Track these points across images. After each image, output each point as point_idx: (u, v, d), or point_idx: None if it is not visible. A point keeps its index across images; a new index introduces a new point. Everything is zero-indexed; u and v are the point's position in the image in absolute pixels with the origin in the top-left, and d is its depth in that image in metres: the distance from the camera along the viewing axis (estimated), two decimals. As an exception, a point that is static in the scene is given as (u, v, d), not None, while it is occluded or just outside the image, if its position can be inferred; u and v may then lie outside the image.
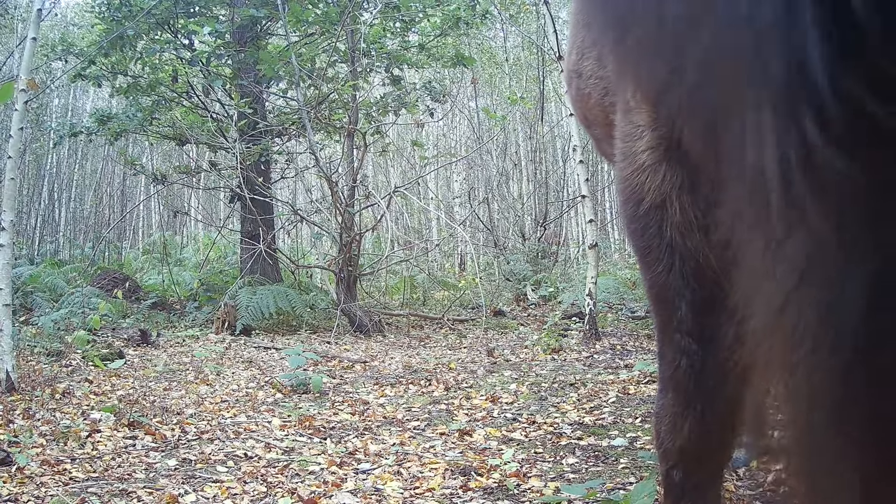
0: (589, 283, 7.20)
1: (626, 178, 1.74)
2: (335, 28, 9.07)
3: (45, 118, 17.63)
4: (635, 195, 1.72)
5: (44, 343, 6.71)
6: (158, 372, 6.03)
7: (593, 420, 4.21)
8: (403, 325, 8.96)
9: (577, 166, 7.93)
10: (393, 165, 17.29)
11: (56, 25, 17.66)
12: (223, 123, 10.08)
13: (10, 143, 5.22)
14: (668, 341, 1.73)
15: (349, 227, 8.83)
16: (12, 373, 4.79)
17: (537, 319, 9.19)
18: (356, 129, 9.06)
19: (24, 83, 5.04)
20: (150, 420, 4.34)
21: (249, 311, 8.34)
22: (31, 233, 17.42)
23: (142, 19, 9.03)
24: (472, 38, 13.73)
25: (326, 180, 8.82)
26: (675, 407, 1.72)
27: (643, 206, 1.70)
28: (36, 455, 3.54)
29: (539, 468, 3.35)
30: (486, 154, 16.08)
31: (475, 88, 15.41)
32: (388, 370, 6.24)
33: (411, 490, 3.14)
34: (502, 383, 5.38)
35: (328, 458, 3.64)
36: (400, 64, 10.25)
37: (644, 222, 1.72)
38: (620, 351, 6.63)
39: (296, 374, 5.41)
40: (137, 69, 10.24)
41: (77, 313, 8.18)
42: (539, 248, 12.70)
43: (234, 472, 3.47)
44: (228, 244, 13.14)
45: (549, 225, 14.14)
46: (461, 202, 16.72)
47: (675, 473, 1.77)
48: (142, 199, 19.39)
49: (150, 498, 3.07)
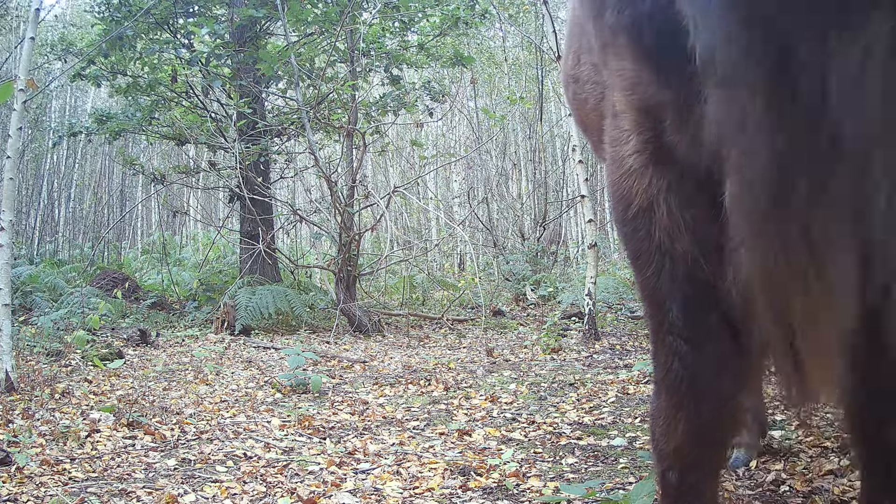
0: (588, 283, 7.20)
1: (615, 183, 1.76)
2: (334, 28, 9.06)
3: (45, 118, 17.63)
4: (624, 199, 1.73)
5: (43, 343, 6.71)
6: (158, 372, 6.02)
7: (593, 420, 4.21)
8: (403, 325, 8.96)
9: (577, 166, 7.93)
10: (392, 165, 17.28)
11: (55, 25, 17.64)
12: (222, 123, 10.07)
13: (8, 142, 5.22)
14: (661, 343, 1.73)
15: (348, 227, 8.83)
16: (12, 373, 4.79)
17: (537, 319, 9.20)
18: (355, 129, 9.06)
19: (23, 83, 5.04)
20: (150, 420, 4.34)
21: (249, 311, 8.35)
22: (31, 233, 17.41)
23: (141, 19, 9.03)
24: (472, 37, 13.72)
25: (326, 180, 8.81)
26: (669, 409, 1.73)
27: (632, 209, 1.72)
28: (35, 455, 3.54)
29: (538, 468, 3.35)
30: (485, 154, 16.08)
31: (474, 88, 15.40)
32: (388, 370, 6.24)
33: (411, 490, 3.14)
34: (502, 383, 5.38)
35: (327, 457, 3.64)
36: (399, 64, 10.24)
37: (633, 226, 1.73)
38: (620, 351, 6.63)
39: (295, 374, 5.41)
40: (136, 69, 10.24)
41: (76, 313, 8.18)
42: (538, 248, 12.71)
43: (233, 471, 3.47)
44: (228, 244, 13.14)
45: (549, 225, 14.15)
46: (460, 202, 16.70)
47: (671, 475, 1.77)
48: (141, 199, 19.38)
49: (150, 498, 3.07)
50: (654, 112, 1.61)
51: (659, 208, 1.66)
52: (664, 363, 1.72)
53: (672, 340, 1.69)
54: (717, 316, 1.66)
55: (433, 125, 16.36)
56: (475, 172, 17.17)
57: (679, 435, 1.71)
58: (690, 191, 1.65)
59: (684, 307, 1.68)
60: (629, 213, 1.72)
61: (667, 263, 1.68)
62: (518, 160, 16.80)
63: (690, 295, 1.67)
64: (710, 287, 1.64)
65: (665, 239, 1.67)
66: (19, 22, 14.57)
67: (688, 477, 1.74)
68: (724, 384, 1.66)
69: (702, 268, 1.64)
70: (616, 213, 1.81)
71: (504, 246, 14.16)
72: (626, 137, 1.71)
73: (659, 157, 1.65)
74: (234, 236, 11.60)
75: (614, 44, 1.67)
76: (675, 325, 1.69)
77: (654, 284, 1.71)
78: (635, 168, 1.69)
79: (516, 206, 14.90)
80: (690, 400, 1.68)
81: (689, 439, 1.70)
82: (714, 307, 1.65)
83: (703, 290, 1.65)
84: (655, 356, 1.77)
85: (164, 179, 11.32)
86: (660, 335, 1.73)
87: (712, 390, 1.66)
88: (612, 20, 1.57)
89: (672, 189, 1.65)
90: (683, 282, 1.67)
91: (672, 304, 1.69)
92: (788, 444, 3.28)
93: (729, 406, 1.68)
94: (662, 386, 1.74)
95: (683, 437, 1.71)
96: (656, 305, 1.73)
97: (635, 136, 1.69)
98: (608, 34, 1.68)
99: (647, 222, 1.69)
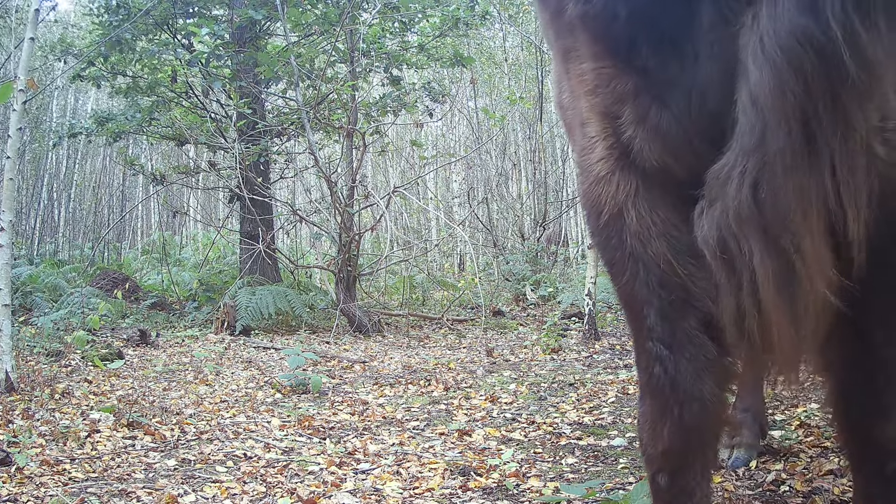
0: (588, 283, 7.20)
1: (586, 192, 1.77)
2: (334, 28, 9.07)
3: (45, 118, 17.63)
4: (595, 207, 1.74)
5: (43, 343, 6.71)
6: (158, 372, 6.02)
7: (593, 420, 4.21)
8: (403, 325, 8.96)
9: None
10: (392, 165, 17.27)
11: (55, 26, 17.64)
12: (222, 124, 10.07)
13: (8, 143, 5.22)
14: (642, 349, 1.74)
15: (348, 227, 8.83)
16: (12, 373, 4.79)
17: (536, 319, 9.20)
18: (355, 129, 9.06)
19: (23, 83, 5.04)
20: (150, 420, 4.34)
21: (249, 312, 8.34)
22: (31, 233, 17.42)
23: (140, 20, 9.03)
24: (472, 37, 13.71)
25: (326, 180, 8.81)
26: (654, 413, 1.74)
27: (602, 217, 1.73)
28: (35, 455, 3.54)
29: (538, 468, 3.35)
30: (485, 154, 16.08)
31: (474, 88, 15.40)
32: (388, 370, 6.24)
33: (410, 490, 3.14)
34: (501, 383, 5.38)
35: (327, 458, 3.64)
36: (399, 64, 10.24)
37: (606, 233, 1.74)
38: (620, 351, 6.63)
39: (295, 374, 5.41)
40: (137, 70, 10.24)
41: (76, 313, 8.18)
42: (538, 248, 12.70)
43: (233, 472, 3.47)
44: (228, 244, 13.14)
45: (549, 225, 14.15)
46: (460, 202, 16.70)
47: (660, 478, 1.77)
48: (141, 200, 19.38)
49: (150, 498, 3.07)
50: (616, 113, 1.62)
51: (628, 214, 1.67)
52: (646, 368, 1.73)
53: (652, 346, 1.70)
54: (696, 319, 1.67)
55: (433, 125, 16.37)
56: (475, 172, 17.16)
57: (665, 438, 1.72)
58: (657, 193, 1.66)
59: (661, 312, 1.68)
60: (601, 222, 1.73)
61: (640, 270, 1.69)
62: (518, 160, 16.79)
63: (666, 300, 1.67)
64: (686, 290, 1.65)
65: (637, 244, 1.68)
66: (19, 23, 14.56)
67: (677, 479, 1.75)
68: (707, 386, 1.68)
69: (676, 271, 1.64)
70: (589, 223, 1.82)
71: (504, 246, 14.16)
72: (592, 145, 1.73)
73: (624, 162, 1.66)
74: (234, 236, 11.60)
75: (574, 46, 1.68)
76: (653, 330, 1.70)
77: (631, 291, 1.72)
78: (603, 175, 1.70)
79: (516, 207, 14.89)
80: (674, 403, 1.69)
81: (676, 442, 1.71)
82: (691, 310, 1.66)
83: (679, 294, 1.66)
84: (638, 361, 1.79)
85: (164, 180, 11.33)
86: (640, 341, 1.74)
87: (695, 393, 1.67)
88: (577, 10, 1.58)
89: (639, 193, 1.66)
90: (658, 287, 1.67)
91: (649, 309, 1.70)
92: (788, 444, 3.28)
93: (714, 407, 1.69)
94: (646, 390, 1.75)
95: (670, 440, 1.71)
96: (634, 312, 1.74)
97: (601, 142, 1.70)
98: (567, 34, 1.69)
99: (618, 230, 1.70)
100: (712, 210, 1.46)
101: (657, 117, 1.54)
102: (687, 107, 1.51)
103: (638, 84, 1.55)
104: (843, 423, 1.75)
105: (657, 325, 1.69)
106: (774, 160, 1.34)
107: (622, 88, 1.58)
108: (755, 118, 1.35)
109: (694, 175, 1.53)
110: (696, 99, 1.49)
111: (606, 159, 1.69)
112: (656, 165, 1.59)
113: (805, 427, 3.57)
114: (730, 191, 1.41)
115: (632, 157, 1.63)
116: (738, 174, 1.39)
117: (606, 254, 1.77)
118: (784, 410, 3.94)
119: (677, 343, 1.67)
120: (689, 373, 1.67)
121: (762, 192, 1.37)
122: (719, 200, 1.44)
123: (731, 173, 1.40)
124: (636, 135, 1.58)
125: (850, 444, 1.77)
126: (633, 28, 1.52)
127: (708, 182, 1.47)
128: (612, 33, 1.55)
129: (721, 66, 1.44)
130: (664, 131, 1.54)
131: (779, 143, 1.33)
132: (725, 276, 1.48)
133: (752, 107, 1.35)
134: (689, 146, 1.54)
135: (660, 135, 1.55)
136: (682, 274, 1.64)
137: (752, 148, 1.37)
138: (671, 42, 1.49)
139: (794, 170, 1.33)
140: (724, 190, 1.42)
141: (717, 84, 1.46)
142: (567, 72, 1.79)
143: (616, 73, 1.58)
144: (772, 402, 4.01)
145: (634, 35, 1.52)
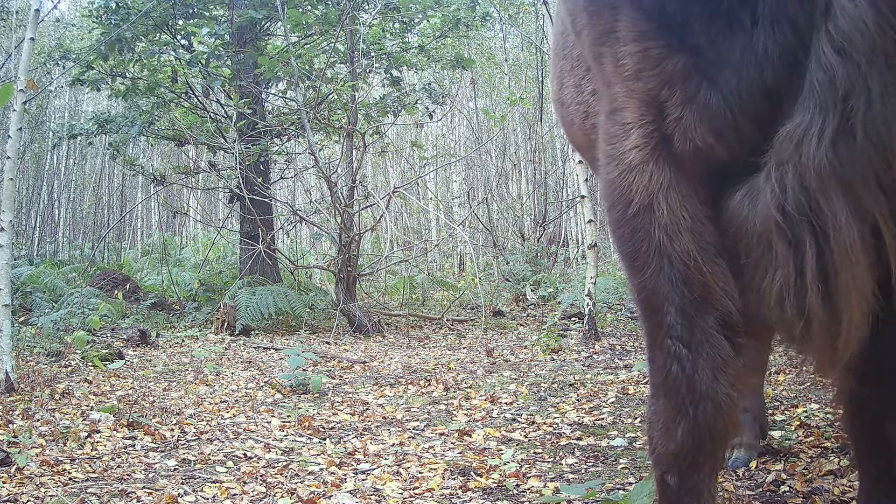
0: (588, 284, 7.20)
1: (613, 182, 1.72)
2: (334, 29, 9.07)
3: (45, 119, 17.62)
4: (623, 198, 1.69)
5: (43, 343, 6.71)
6: (158, 372, 6.02)
7: (593, 420, 4.21)
8: (403, 326, 8.96)
9: (577, 166, 7.93)
10: (392, 166, 17.26)
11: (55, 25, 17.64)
12: (222, 124, 10.07)
13: (8, 143, 5.22)
14: (659, 347, 1.71)
15: (348, 228, 8.83)
16: (12, 373, 4.79)
17: (536, 320, 9.19)
18: (355, 130, 9.06)
19: (23, 83, 5.04)
20: (150, 420, 4.34)
21: (249, 312, 8.34)
22: (31, 233, 17.43)
23: (139, 21, 9.02)
24: (472, 38, 13.71)
25: (326, 181, 8.81)
26: (668, 412, 1.71)
27: (632, 208, 1.68)
28: (35, 455, 3.54)
29: (538, 468, 3.35)
30: (485, 154, 16.07)
31: (474, 89, 15.41)
32: (388, 370, 6.24)
33: (410, 490, 3.14)
34: (501, 383, 5.38)
35: (327, 458, 3.64)
36: (399, 65, 10.24)
37: (633, 225, 1.69)
38: (620, 351, 6.63)
39: (295, 375, 5.41)
40: (136, 70, 10.23)
41: (76, 314, 8.18)
42: (538, 249, 12.70)
43: (233, 472, 3.47)
44: (228, 244, 13.14)
45: (549, 225, 14.14)
46: (460, 202, 16.70)
47: (669, 478, 1.76)
48: (141, 200, 19.38)
49: (150, 498, 3.07)
50: (661, 97, 1.58)
51: (659, 206, 1.63)
52: (662, 366, 1.70)
53: (670, 344, 1.68)
54: (714, 318, 1.65)
55: (433, 125, 16.36)
56: (475, 173, 17.17)
57: (678, 438, 1.70)
58: (688, 187, 1.63)
59: (682, 310, 1.66)
60: (628, 213, 1.68)
61: (665, 265, 1.66)
62: (518, 160, 16.78)
63: (688, 297, 1.65)
64: (708, 289, 1.63)
65: (665, 238, 1.64)
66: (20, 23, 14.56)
67: (686, 480, 1.73)
68: (722, 387, 1.66)
69: (701, 268, 1.62)
70: (613, 214, 1.76)
71: (504, 246, 14.15)
72: (626, 132, 1.68)
73: (660, 152, 1.62)
74: (234, 237, 11.60)
75: (613, 28, 1.63)
76: (673, 327, 1.67)
77: (653, 287, 1.69)
78: (636, 164, 1.66)
79: (516, 207, 14.89)
80: (689, 403, 1.67)
81: (689, 442, 1.69)
82: (711, 310, 1.65)
83: (701, 293, 1.64)
84: (653, 360, 1.75)
85: (164, 180, 11.32)
86: (657, 338, 1.71)
87: (710, 393, 1.66)
88: None
89: (672, 186, 1.63)
90: (682, 284, 1.65)
91: (670, 307, 1.67)
92: (788, 444, 3.28)
93: (727, 409, 1.68)
94: (661, 389, 1.72)
95: (682, 441, 1.70)
96: (654, 308, 1.71)
97: (637, 129, 1.65)
98: (607, 14, 1.65)
99: (646, 222, 1.66)
100: (781, 171, 1.41)
101: (706, 97, 1.50)
102: (737, 84, 1.47)
103: (688, 64, 1.51)
104: (853, 423, 1.73)
105: (677, 323, 1.67)
106: (870, 106, 1.29)
107: (672, 68, 1.54)
108: (839, 68, 1.30)
109: (733, 155, 1.51)
110: (750, 74, 1.46)
111: (641, 147, 1.65)
112: (700, 146, 1.55)
113: (805, 427, 3.57)
114: (807, 149, 1.36)
115: (671, 143, 1.59)
116: (816, 132, 1.35)
117: (629, 246, 1.72)
118: (784, 410, 3.94)
119: (696, 342, 1.65)
120: (705, 373, 1.65)
121: (846, 147, 1.32)
122: (791, 161, 1.39)
123: (809, 132, 1.36)
124: (682, 115, 1.55)
125: (858, 445, 1.76)
126: (687, 3, 1.48)
127: (776, 145, 1.43)
128: (667, 9, 1.51)
129: (779, 37, 1.41)
130: (713, 111, 1.50)
131: (876, 85, 1.28)
132: (784, 246, 1.43)
133: (836, 56, 1.30)
134: (734, 125, 1.51)
135: (707, 114, 1.51)
136: (706, 272, 1.62)
137: (834, 102, 1.32)
138: (726, 16, 1.45)
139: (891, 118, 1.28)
140: (800, 149, 1.37)
141: (775, 56, 1.42)
142: (599, 57, 1.73)
143: (668, 52, 1.54)
144: (772, 403, 4.02)
145: (688, 11, 1.49)
